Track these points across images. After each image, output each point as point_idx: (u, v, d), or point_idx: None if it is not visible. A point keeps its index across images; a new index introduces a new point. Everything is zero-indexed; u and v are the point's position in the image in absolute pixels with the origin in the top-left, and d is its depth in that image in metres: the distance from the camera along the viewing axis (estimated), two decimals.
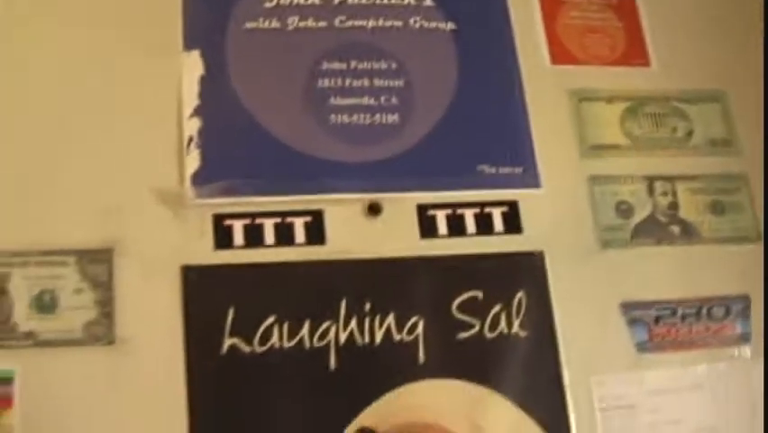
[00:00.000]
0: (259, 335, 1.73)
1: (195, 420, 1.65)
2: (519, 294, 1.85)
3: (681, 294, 1.96)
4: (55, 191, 1.73)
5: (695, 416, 1.90)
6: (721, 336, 1.96)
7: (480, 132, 1.96)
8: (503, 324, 1.84)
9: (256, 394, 1.70)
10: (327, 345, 1.75)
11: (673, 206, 2.01)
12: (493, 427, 1.78)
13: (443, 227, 1.88)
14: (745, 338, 1.97)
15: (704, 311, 1.96)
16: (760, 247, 2.02)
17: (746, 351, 1.96)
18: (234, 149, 1.83)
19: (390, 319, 1.79)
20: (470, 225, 1.90)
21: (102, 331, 1.69)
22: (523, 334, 1.84)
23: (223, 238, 1.78)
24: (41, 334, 1.67)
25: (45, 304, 1.68)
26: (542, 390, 1.83)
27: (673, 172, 2.03)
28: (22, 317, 1.67)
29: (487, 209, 1.91)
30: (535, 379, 1.83)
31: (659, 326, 1.92)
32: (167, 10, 1.88)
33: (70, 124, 1.77)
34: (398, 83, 1.94)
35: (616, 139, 2.03)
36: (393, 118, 1.91)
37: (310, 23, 1.95)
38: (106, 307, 1.70)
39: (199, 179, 1.79)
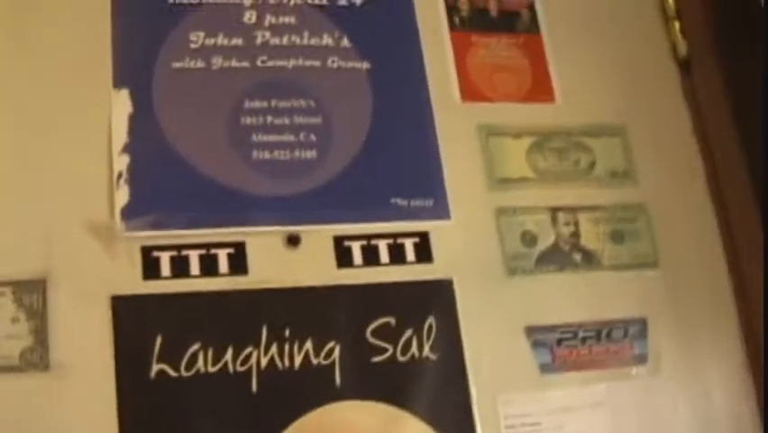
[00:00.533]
0: (185, 360, 1.77)
1: None
2: (429, 319, 1.92)
3: (583, 318, 2.03)
4: None
5: (597, 432, 1.98)
6: (620, 357, 2.04)
7: (394, 166, 2.02)
8: (414, 348, 1.90)
9: (183, 416, 1.74)
10: (249, 370, 1.80)
11: (575, 235, 2.09)
12: None
13: (358, 257, 1.94)
14: (641, 358, 2.05)
15: (604, 333, 2.04)
16: (658, 273, 2.11)
17: (643, 370, 2.04)
18: (162, 184, 1.87)
19: (308, 344, 1.84)
20: (384, 255, 1.96)
21: (37, 358, 1.72)
22: (433, 357, 1.90)
23: (150, 269, 1.82)
24: None
25: None
26: (451, 409, 1.88)
27: (576, 203, 2.11)
28: None
29: (399, 240, 1.97)
30: (445, 399, 1.88)
31: (561, 348, 2.00)
32: (98, 48, 1.92)
33: (5, 155, 1.81)
34: (316, 120, 2.00)
35: (522, 172, 2.10)
36: (311, 154, 1.97)
37: (233, 63, 2.00)
38: (41, 334, 1.73)
39: (128, 212, 1.83)
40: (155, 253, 1.83)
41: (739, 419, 2.08)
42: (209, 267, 1.86)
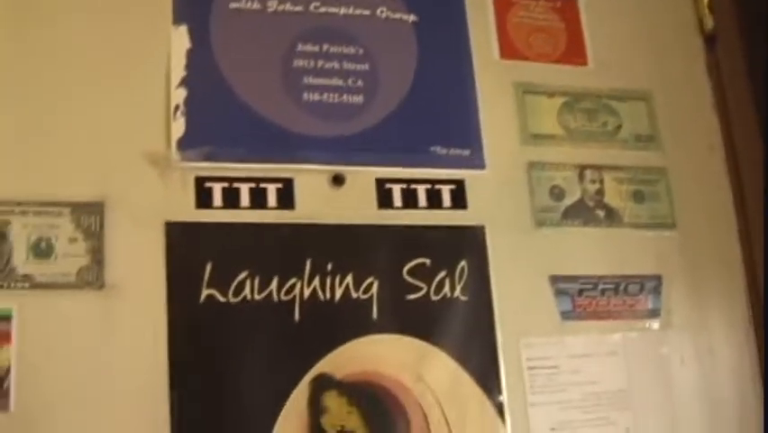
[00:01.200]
0: (233, 287, 1.86)
1: (174, 360, 1.78)
2: (462, 263, 2.02)
3: (603, 271, 2.14)
4: (54, 147, 1.82)
5: (610, 378, 2.07)
6: (635, 310, 2.14)
7: (434, 116, 2.09)
8: (447, 288, 1.99)
9: (228, 340, 1.83)
10: (293, 300, 1.89)
11: (600, 192, 2.19)
12: (434, 377, 1.93)
13: (398, 200, 2.03)
14: (655, 313, 2.16)
15: (621, 287, 2.14)
16: (674, 234, 2.21)
17: (655, 324, 2.15)
18: (217, 118, 1.94)
19: (349, 279, 1.93)
20: (422, 199, 2.04)
21: (93, 277, 1.80)
22: (463, 298, 2.00)
23: (203, 199, 1.90)
24: (38, 277, 1.77)
25: (42, 250, 1.78)
26: (477, 348, 1.98)
27: (602, 162, 2.21)
28: (21, 261, 1.77)
29: (437, 186, 2.05)
30: (472, 338, 1.98)
31: (582, 298, 2.10)
32: None
33: (70, 88, 1.87)
34: (364, 67, 2.07)
35: (553, 130, 2.20)
36: (358, 99, 2.05)
37: (288, 6, 2.06)
38: (97, 255, 1.80)
39: (184, 143, 1.90)
40: (208, 184, 1.91)
41: (740, 373, 2.20)
42: (258, 200, 1.94)
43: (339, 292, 1.93)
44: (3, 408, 1.69)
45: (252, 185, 1.94)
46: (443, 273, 2.00)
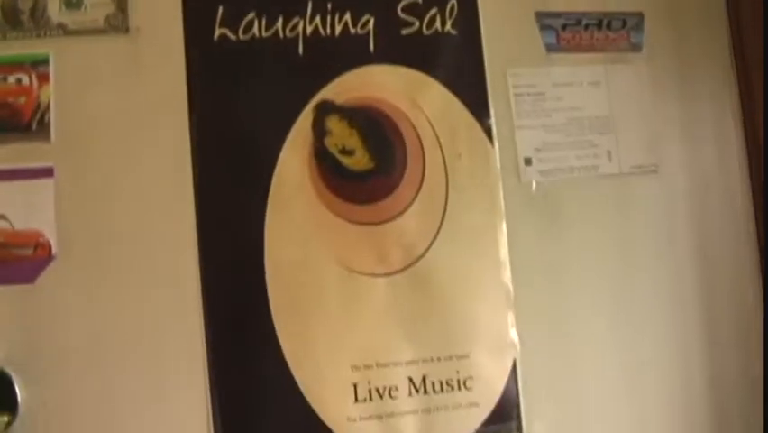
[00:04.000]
0: (243, 26, 2.05)
1: (192, 94, 2.02)
2: (452, 0, 2.16)
3: (586, 8, 2.26)
4: None
5: (592, 105, 2.23)
6: (617, 44, 2.27)
7: None
8: (438, 23, 2.14)
9: (239, 74, 2.05)
10: (296, 36, 2.07)
11: None
12: (427, 103, 2.11)
13: None
14: (637, 47, 2.28)
15: (604, 23, 2.26)
16: None
17: (637, 58, 2.28)
18: None
19: (347, 16, 2.10)
20: None
21: (119, 22, 2.01)
22: (453, 32, 2.14)
23: None
24: (70, 25, 1.98)
25: (72, 2, 2.00)
26: (467, 77, 2.14)
27: None
28: (55, 12, 1.99)
29: None
30: (462, 69, 2.14)
31: (566, 32, 2.23)
32: None
33: None
34: None
35: None
36: None
37: None
38: (122, 3, 2.01)
39: None
40: None
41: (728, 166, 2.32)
42: None
43: (338, 28, 2.09)
44: (45, 138, 1.95)
45: None
46: (434, 10, 2.14)
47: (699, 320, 2.20)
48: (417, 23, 2.13)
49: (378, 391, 1.99)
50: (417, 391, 2.01)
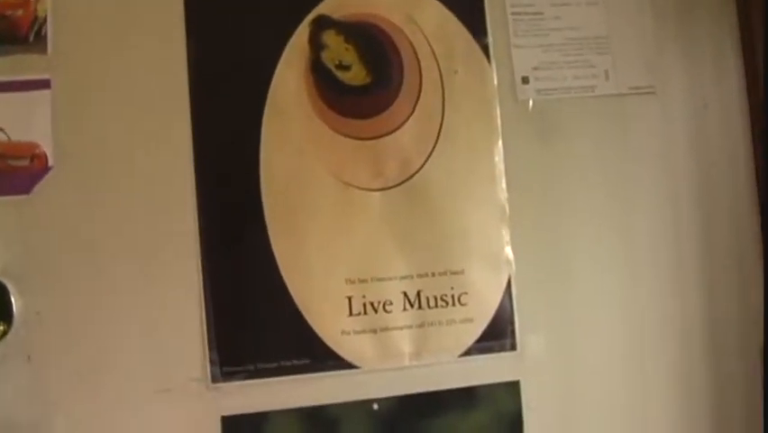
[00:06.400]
0: None
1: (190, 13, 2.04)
2: None
3: None
4: None
5: (590, 26, 2.22)
6: None
7: None
8: None
9: None
10: None
11: None
12: (425, 20, 2.11)
13: None
14: None
15: None
16: None
17: None
18: None
19: None
20: None
21: None
22: None
23: None
24: None
25: None
26: None
27: None
28: None
29: None
30: None
31: None
32: None
33: None
34: None
35: None
36: None
37: None
38: None
39: None
40: None
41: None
42: None
43: None
44: (42, 50, 1.97)
45: None
46: None
47: (695, 241, 2.20)
48: None
49: (372, 305, 2.00)
50: (412, 305, 2.00)
